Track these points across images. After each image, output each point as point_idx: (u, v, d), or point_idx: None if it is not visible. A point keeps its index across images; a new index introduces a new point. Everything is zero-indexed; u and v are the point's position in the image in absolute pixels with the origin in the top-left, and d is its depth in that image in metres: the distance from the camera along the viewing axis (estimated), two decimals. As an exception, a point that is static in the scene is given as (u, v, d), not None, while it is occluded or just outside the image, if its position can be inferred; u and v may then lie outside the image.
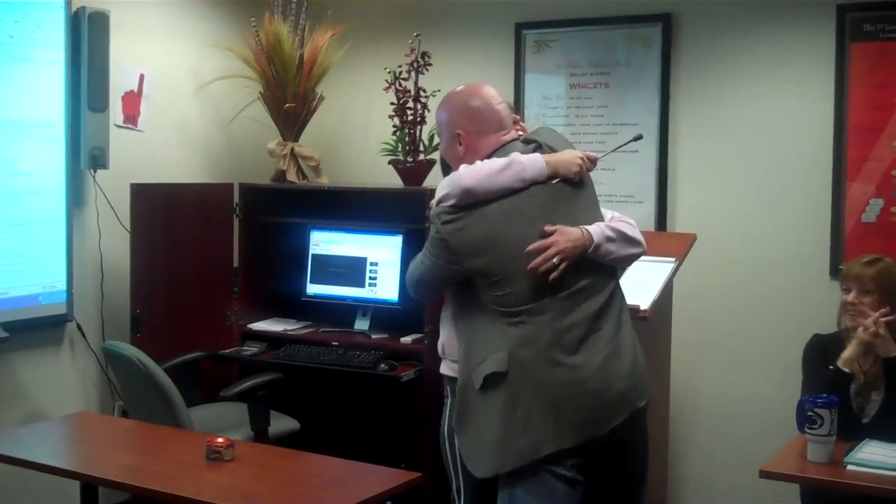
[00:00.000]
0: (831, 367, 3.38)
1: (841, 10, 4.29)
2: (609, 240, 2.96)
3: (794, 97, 4.45)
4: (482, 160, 2.97)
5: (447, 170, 3.29)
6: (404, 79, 4.67)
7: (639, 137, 3.51)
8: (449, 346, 3.19)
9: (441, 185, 2.97)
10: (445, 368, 3.23)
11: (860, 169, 4.31)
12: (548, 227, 2.88)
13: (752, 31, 4.52)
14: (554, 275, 2.85)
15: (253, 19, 4.87)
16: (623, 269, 3.30)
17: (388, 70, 4.67)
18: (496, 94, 3.12)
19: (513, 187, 2.89)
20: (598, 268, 2.98)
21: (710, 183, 4.65)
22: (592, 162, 3.05)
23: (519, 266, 2.86)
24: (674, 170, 4.70)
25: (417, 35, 4.63)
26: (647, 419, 3.07)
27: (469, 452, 2.95)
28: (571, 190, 2.98)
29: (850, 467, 3.02)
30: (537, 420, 2.83)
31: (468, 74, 4.96)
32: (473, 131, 3.04)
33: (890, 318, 3.37)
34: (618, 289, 3.06)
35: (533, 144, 3.03)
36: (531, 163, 2.92)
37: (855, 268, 3.50)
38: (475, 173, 2.89)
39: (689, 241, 4.26)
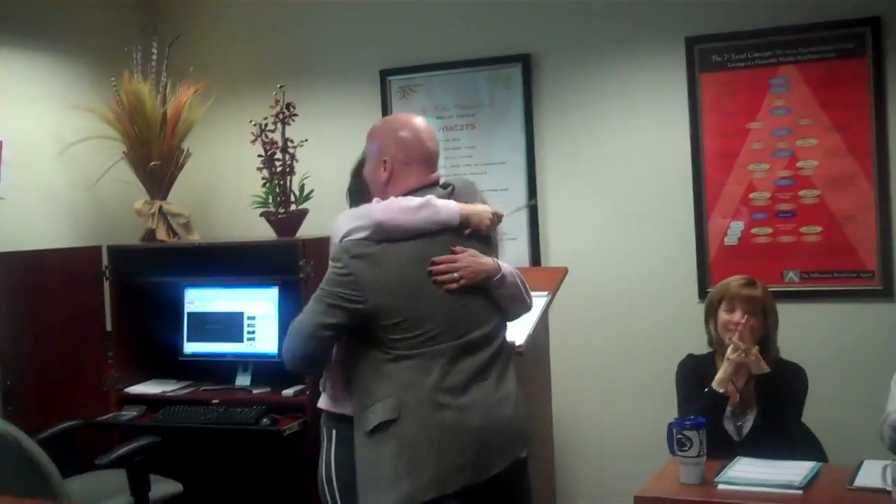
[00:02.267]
0: (706, 389, 3.46)
1: (689, 42, 4.45)
2: (514, 278, 3.02)
3: (652, 128, 4.59)
4: (403, 194, 2.95)
5: (355, 202, 3.29)
6: (271, 130, 4.65)
7: (534, 203, 4.09)
8: (331, 382, 3.12)
9: (346, 217, 2.93)
10: (323, 402, 3.17)
11: (719, 193, 4.45)
12: (459, 248, 2.91)
13: (607, 67, 4.64)
14: (452, 286, 2.86)
15: (113, 79, 4.80)
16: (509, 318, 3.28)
17: (253, 123, 4.66)
18: (427, 128, 3.08)
19: (424, 228, 2.88)
20: (493, 317, 3.00)
21: (578, 215, 4.74)
22: (499, 218, 3.08)
23: (422, 310, 2.86)
24: (543, 205, 4.78)
25: (281, 86, 4.63)
26: (529, 468, 3.10)
27: (361, 494, 2.92)
28: (478, 245, 2.99)
29: (720, 486, 3.06)
30: (422, 465, 2.82)
31: (335, 123, 5.05)
32: (400, 160, 3.00)
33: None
34: (506, 340, 3.08)
35: (449, 188, 3.03)
36: (444, 207, 2.93)
37: (739, 289, 3.57)
38: (388, 209, 2.87)
39: (560, 274, 4.33)
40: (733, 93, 4.41)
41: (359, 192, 3.38)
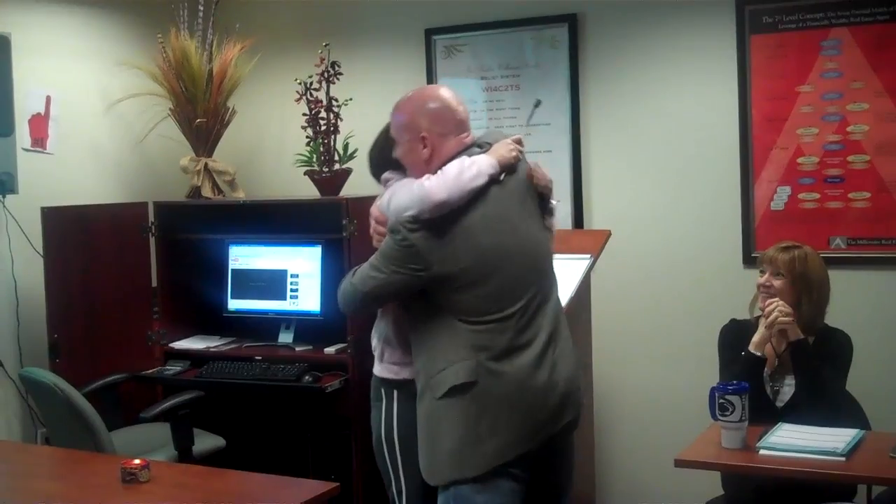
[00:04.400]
0: (743, 352, 3.44)
1: (740, 2, 4.37)
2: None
3: (699, 90, 4.53)
4: (445, 163, 2.94)
5: (378, 171, 3.29)
6: (315, 89, 4.65)
7: (538, 103, 4.28)
8: (390, 352, 3.18)
9: (404, 197, 2.88)
10: (384, 371, 3.20)
11: (766, 158, 4.39)
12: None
13: (655, 28, 4.58)
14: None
15: (159, 35, 4.83)
16: None
17: (298, 81, 4.66)
18: (453, 95, 3.07)
19: (476, 186, 2.87)
20: (553, 275, 3.07)
21: (622, 178, 4.71)
22: (520, 143, 3.07)
23: (486, 271, 2.87)
24: (587, 167, 4.75)
25: (326, 45, 4.62)
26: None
27: (427, 461, 2.95)
28: (516, 183, 2.99)
29: (762, 452, 3.06)
30: (505, 426, 2.85)
31: (380, 82, 5.03)
32: (437, 133, 2.98)
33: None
34: (558, 294, 3.12)
35: (485, 149, 3.02)
36: (481, 160, 2.93)
37: (772, 252, 3.56)
38: (444, 184, 2.84)
39: (603, 237, 4.30)
40: (783, 55, 4.33)
41: (379, 166, 3.35)
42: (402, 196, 2.89)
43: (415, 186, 2.88)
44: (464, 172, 2.87)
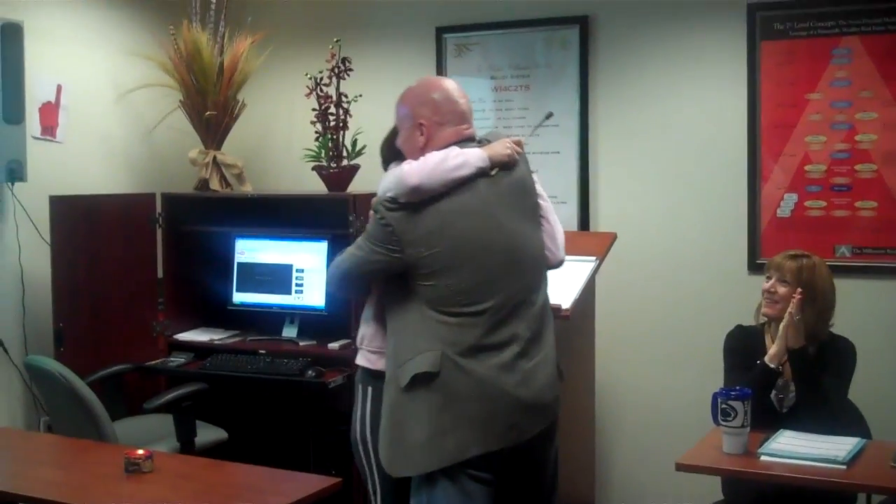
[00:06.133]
0: (758, 361, 3.44)
1: (751, 9, 4.38)
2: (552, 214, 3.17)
3: (708, 95, 4.53)
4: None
5: (387, 162, 3.30)
6: (325, 84, 4.66)
7: (549, 115, 4.26)
8: (370, 337, 3.20)
9: (385, 181, 2.96)
10: (361, 359, 3.23)
11: (774, 165, 4.40)
12: None
13: (666, 31, 4.59)
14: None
15: (171, 27, 4.83)
16: None
17: (308, 76, 4.67)
18: (457, 87, 3.11)
19: (458, 176, 2.89)
20: (538, 277, 3.05)
21: (629, 181, 4.71)
22: (520, 145, 3.09)
23: (459, 261, 2.88)
24: (595, 169, 4.75)
25: (337, 40, 4.63)
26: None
27: (388, 452, 2.94)
28: (511, 181, 3.01)
29: (763, 458, 3.08)
30: (467, 421, 2.84)
31: (390, 79, 5.01)
32: (435, 122, 3.03)
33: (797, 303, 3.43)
34: (548, 301, 3.10)
35: (484, 144, 3.05)
36: (471, 153, 2.95)
37: (779, 258, 3.57)
38: (419, 170, 2.89)
39: (609, 239, 4.31)
40: (793, 62, 4.34)
41: (387, 159, 3.36)
42: (387, 178, 2.97)
43: (396, 170, 2.95)
44: (447, 161, 2.90)
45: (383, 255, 2.92)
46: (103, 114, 5.00)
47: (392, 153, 3.26)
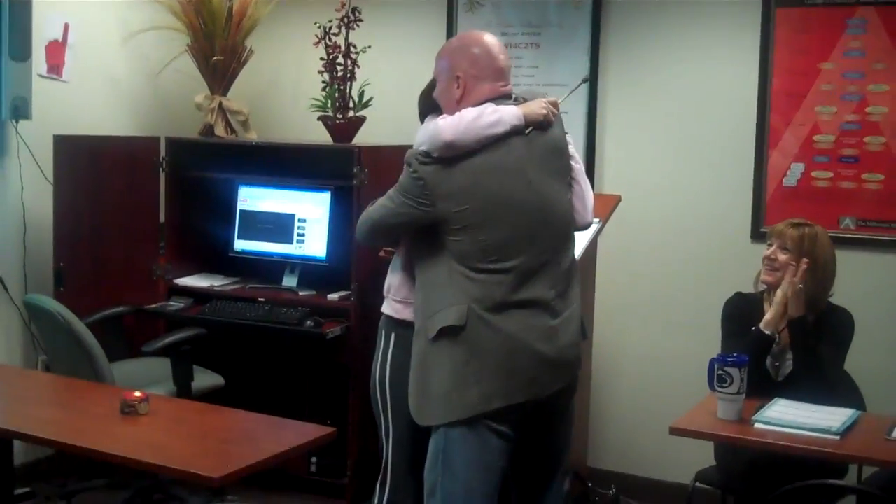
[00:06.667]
0: (754, 328, 3.44)
1: (768, -26, 4.34)
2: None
3: (721, 60, 4.49)
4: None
5: (424, 114, 3.28)
6: (334, 34, 4.62)
7: (586, 79, 4.10)
8: (396, 287, 3.23)
9: (420, 133, 2.97)
10: (387, 307, 3.28)
11: (783, 133, 4.37)
12: None
13: (681, -5, 4.55)
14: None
15: (181, -31, 4.79)
16: None
17: (318, 25, 4.63)
18: (497, 43, 3.10)
19: (492, 133, 2.89)
20: (566, 234, 3.07)
21: (636, 144, 4.69)
22: (555, 106, 3.09)
23: (489, 218, 2.89)
24: (602, 131, 4.73)
25: (348, -10, 4.59)
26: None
27: (416, 401, 2.99)
28: (545, 141, 3.01)
29: (757, 425, 3.08)
30: (490, 374, 2.88)
31: (399, 32, 5.01)
32: (472, 75, 3.02)
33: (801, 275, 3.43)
34: (575, 259, 3.12)
35: (520, 102, 3.05)
36: (506, 111, 2.95)
37: (781, 226, 3.56)
38: (455, 126, 2.88)
39: (613, 202, 4.30)
40: (807, 30, 4.29)
41: (423, 113, 3.35)
42: (422, 131, 2.97)
43: (431, 124, 2.94)
44: (482, 118, 2.90)
45: (413, 208, 2.94)
46: (110, 54, 4.97)
47: (429, 106, 3.25)
